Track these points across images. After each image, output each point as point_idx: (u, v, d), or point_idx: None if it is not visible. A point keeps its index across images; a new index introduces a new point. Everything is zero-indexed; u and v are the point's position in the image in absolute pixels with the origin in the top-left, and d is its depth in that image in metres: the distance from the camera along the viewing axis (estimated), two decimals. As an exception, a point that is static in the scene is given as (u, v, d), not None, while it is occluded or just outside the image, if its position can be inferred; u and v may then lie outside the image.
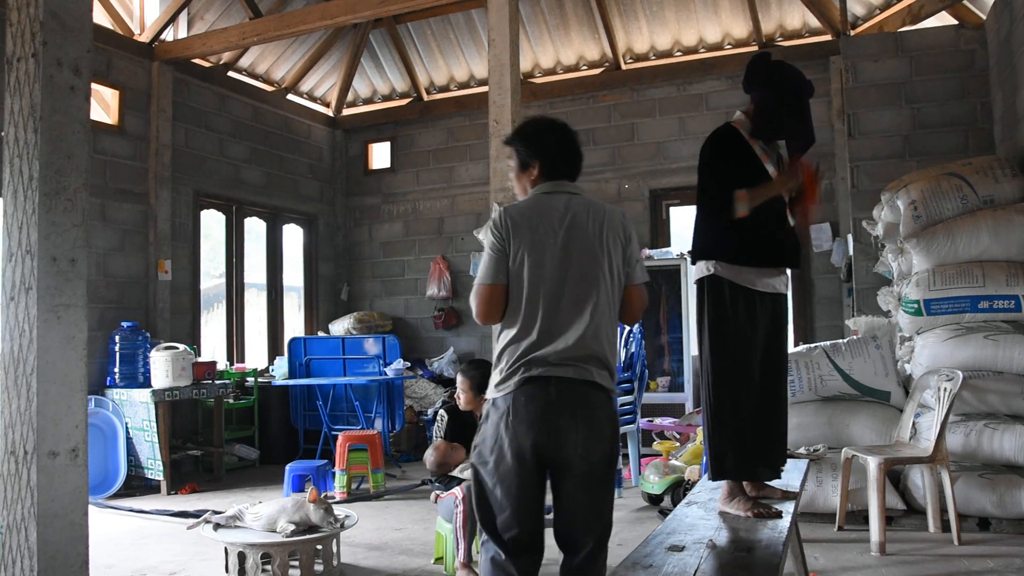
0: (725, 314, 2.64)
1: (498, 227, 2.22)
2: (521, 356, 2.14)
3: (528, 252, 2.19)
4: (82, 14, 3.04)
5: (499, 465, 2.13)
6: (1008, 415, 4.33)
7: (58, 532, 2.84)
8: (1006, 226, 4.58)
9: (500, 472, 2.14)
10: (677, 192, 7.58)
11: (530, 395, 2.11)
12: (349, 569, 3.92)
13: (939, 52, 6.11)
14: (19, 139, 2.90)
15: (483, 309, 2.21)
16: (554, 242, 2.20)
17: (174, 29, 7.09)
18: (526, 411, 2.11)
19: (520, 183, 2.39)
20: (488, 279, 2.20)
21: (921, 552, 3.89)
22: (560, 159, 2.34)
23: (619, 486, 5.44)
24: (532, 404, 2.11)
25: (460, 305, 8.38)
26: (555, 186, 2.31)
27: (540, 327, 2.15)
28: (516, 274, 2.19)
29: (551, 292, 2.17)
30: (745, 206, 2.57)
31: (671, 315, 7.26)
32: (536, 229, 2.21)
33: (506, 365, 2.16)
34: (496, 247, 2.21)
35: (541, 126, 2.40)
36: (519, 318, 2.17)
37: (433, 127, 8.73)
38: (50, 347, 2.86)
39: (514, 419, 2.11)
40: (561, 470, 2.15)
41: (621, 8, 7.52)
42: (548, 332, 2.15)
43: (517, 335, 2.17)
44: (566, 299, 2.17)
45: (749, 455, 2.63)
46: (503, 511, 2.15)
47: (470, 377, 3.89)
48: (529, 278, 2.18)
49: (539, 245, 2.20)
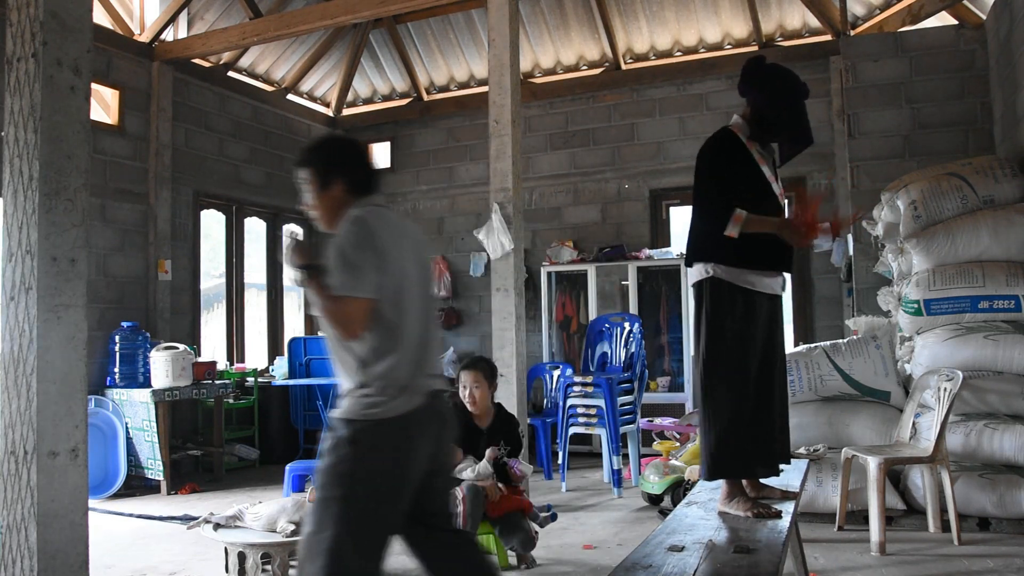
0: (724, 315, 2.64)
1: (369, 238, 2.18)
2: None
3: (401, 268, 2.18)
4: (82, 14, 3.05)
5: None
6: (1008, 415, 4.33)
7: (58, 532, 2.84)
8: (1006, 226, 4.58)
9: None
10: (677, 192, 7.58)
11: (430, 410, 2.16)
12: (349, 569, 3.92)
13: (939, 52, 6.12)
14: (19, 139, 2.91)
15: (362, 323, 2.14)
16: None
17: (174, 29, 7.09)
18: (430, 426, 2.18)
19: (330, 202, 2.25)
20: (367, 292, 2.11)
21: (921, 552, 3.89)
22: (373, 174, 2.31)
23: (619, 486, 5.45)
24: (434, 419, 2.19)
25: (460, 305, 8.39)
26: (378, 200, 2.28)
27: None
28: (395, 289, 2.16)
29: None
30: (737, 229, 2.57)
31: (671, 315, 7.26)
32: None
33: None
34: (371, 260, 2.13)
35: (342, 143, 2.43)
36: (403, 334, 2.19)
37: (433, 127, 8.73)
38: (50, 347, 2.87)
39: (420, 435, 2.15)
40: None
41: (621, 8, 7.52)
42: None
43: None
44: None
45: (746, 455, 2.63)
46: (383, 528, 2.13)
47: (482, 369, 3.88)
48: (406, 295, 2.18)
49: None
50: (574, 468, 6.21)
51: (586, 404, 5.65)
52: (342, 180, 2.23)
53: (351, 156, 2.31)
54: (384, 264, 2.10)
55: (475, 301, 8.32)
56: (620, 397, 5.63)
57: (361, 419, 2.06)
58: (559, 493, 5.55)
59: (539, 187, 8.07)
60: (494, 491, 3.65)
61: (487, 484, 3.65)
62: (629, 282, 7.15)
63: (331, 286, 2.05)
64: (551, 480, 6.04)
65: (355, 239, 2.09)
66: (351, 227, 2.11)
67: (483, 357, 4.10)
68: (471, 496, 3.54)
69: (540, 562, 3.86)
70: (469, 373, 3.86)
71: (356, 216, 2.14)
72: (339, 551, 1.99)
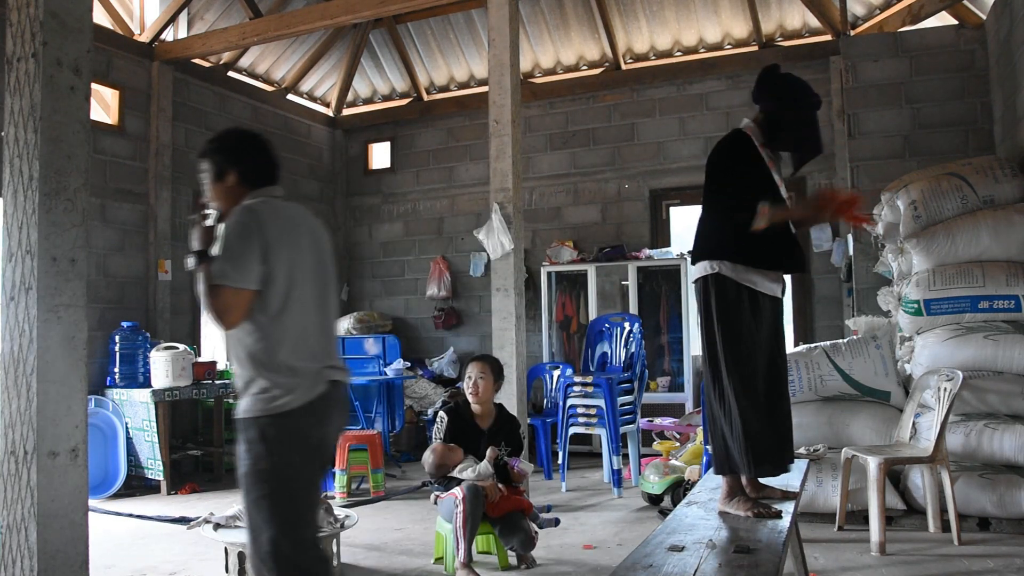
0: (732, 309, 2.67)
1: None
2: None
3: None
4: (82, 14, 3.05)
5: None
6: (1008, 415, 4.33)
7: (58, 532, 2.84)
8: (1006, 226, 4.58)
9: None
10: (677, 192, 7.57)
11: (330, 398, 2.25)
12: (349, 569, 3.92)
13: (939, 52, 6.12)
14: (19, 139, 2.91)
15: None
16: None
17: (174, 29, 7.09)
18: (331, 413, 2.27)
19: (225, 192, 2.33)
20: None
21: (921, 552, 3.89)
22: (268, 166, 2.38)
23: (619, 486, 5.45)
24: (334, 408, 2.28)
25: (460, 305, 8.39)
26: (275, 191, 2.35)
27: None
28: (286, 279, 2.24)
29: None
30: (765, 220, 2.60)
31: (671, 315, 7.26)
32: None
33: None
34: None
35: (239, 135, 2.44)
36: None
37: (433, 127, 8.73)
38: (50, 347, 2.87)
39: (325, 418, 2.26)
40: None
41: (621, 8, 7.52)
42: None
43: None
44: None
45: (756, 450, 2.63)
46: (312, 509, 2.26)
47: (490, 363, 3.94)
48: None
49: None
50: (574, 468, 6.21)
51: (586, 404, 5.65)
52: (236, 171, 2.30)
53: (246, 148, 2.37)
54: (270, 255, 2.14)
55: (475, 301, 8.32)
56: (620, 397, 5.63)
57: (265, 415, 2.13)
58: (559, 493, 5.55)
59: (539, 187, 8.07)
60: (494, 491, 3.65)
61: (487, 484, 3.65)
62: (629, 282, 7.15)
63: (212, 274, 2.11)
64: (551, 480, 6.04)
65: (240, 229, 2.15)
66: (238, 217, 2.18)
67: (492, 355, 4.17)
68: (471, 496, 3.54)
69: (540, 562, 3.87)
70: (476, 364, 3.94)
71: (245, 207, 2.21)
72: (279, 551, 2.10)
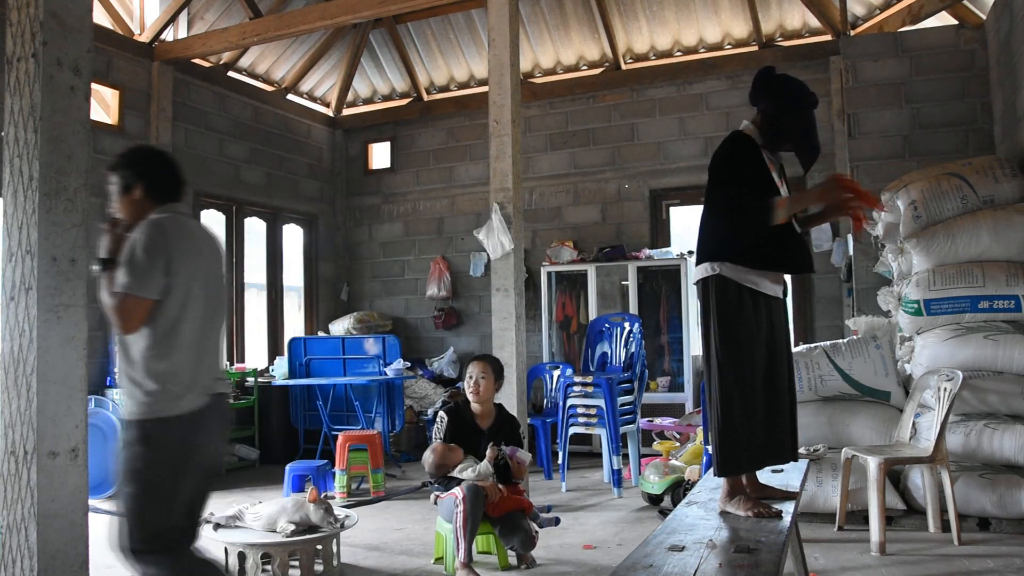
0: (733, 309, 2.67)
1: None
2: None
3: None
4: (82, 14, 3.05)
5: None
6: (1008, 415, 4.33)
7: (58, 532, 2.84)
8: (1006, 226, 4.58)
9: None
10: (677, 192, 7.57)
11: (213, 410, 2.37)
12: (349, 569, 3.92)
13: (939, 52, 6.11)
14: (19, 139, 2.91)
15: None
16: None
17: (174, 29, 7.09)
18: (212, 425, 2.40)
19: (131, 206, 2.44)
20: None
21: (921, 552, 3.89)
22: (173, 183, 2.53)
23: (619, 486, 5.45)
24: (216, 419, 2.41)
25: (460, 305, 8.39)
26: (180, 207, 2.51)
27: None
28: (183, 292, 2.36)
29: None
30: (784, 212, 2.61)
31: (671, 315, 7.26)
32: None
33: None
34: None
35: (147, 152, 2.62)
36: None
37: (433, 127, 8.73)
38: (50, 347, 2.87)
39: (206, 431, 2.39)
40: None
41: (621, 8, 7.52)
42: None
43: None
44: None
45: (756, 449, 2.63)
46: (177, 513, 2.34)
47: (491, 362, 3.96)
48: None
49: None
50: (574, 468, 6.21)
51: (586, 404, 5.65)
52: (142, 185, 2.43)
53: (153, 164, 2.53)
54: (172, 268, 2.30)
55: (475, 301, 8.32)
56: (620, 397, 5.63)
57: (148, 418, 2.27)
58: (559, 493, 5.55)
59: (539, 187, 8.07)
60: (494, 491, 3.65)
61: (487, 484, 3.65)
62: (629, 282, 7.15)
63: (117, 282, 2.27)
64: (551, 480, 6.04)
65: (147, 242, 2.29)
66: (145, 230, 2.32)
67: (493, 355, 4.18)
68: (471, 496, 3.54)
69: (540, 562, 3.87)
70: (477, 364, 3.95)
71: (152, 220, 2.36)
72: (136, 546, 2.26)
